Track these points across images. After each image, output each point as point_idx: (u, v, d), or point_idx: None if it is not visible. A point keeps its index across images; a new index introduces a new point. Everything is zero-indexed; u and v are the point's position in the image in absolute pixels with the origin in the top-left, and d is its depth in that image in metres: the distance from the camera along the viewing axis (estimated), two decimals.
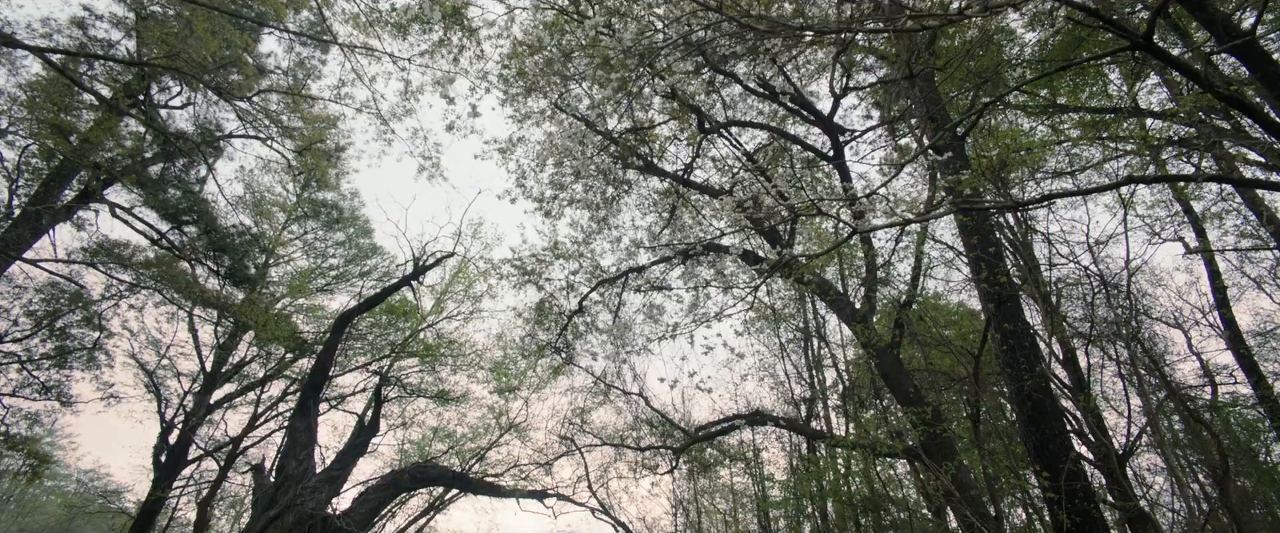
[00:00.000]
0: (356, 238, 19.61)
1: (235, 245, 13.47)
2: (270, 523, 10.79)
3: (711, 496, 19.49)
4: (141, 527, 15.84)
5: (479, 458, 14.28)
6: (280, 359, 16.05)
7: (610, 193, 12.75)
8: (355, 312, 12.40)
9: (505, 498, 12.41)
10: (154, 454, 16.52)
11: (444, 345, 15.17)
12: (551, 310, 12.71)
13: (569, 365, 12.44)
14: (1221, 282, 14.33)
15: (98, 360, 15.77)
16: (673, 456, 10.30)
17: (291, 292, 17.88)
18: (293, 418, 11.43)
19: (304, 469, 11.23)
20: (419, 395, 16.05)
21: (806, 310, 14.41)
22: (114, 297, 15.69)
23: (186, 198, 12.95)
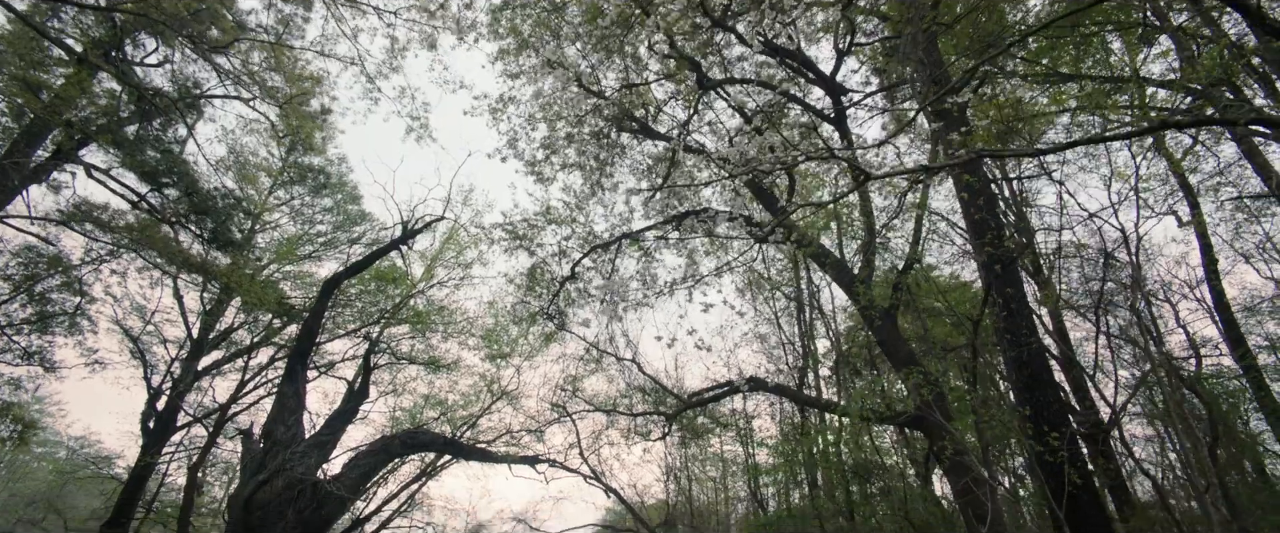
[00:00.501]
0: (345, 204, 19.13)
1: (218, 209, 13.03)
2: (259, 487, 10.64)
3: (702, 463, 19.63)
4: (131, 492, 15.71)
5: (470, 425, 14.17)
6: (268, 325, 15.75)
7: (604, 157, 12.40)
8: (343, 276, 12.09)
9: (497, 464, 12.34)
10: (142, 421, 16.29)
11: (435, 312, 14.92)
12: (543, 277, 12.46)
13: (561, 333, 12.25)
14: (1213, 255, 14.31)
15: (80, 326, 15.40)
16: (666, 421, 10.22)
17: (279, 258, 17.48)
18: (281, 384, 11.21)
19: (293, 434, 11.05)
20: (410, 363, 15.85)
21: (800, 279, 14.26)
22: (94, 261, 15.25)
23: (166, 159, 12.45)
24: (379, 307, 14.67)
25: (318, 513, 10.66)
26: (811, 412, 13.53)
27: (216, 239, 13.00)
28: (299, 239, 18.67)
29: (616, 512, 19.03)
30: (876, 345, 9.48)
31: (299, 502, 10.53)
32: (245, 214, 15.31)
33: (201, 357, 17.02)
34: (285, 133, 16.84)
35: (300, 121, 15.85)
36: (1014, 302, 7.11)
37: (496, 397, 14.95)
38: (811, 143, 12.17)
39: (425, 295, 15.45)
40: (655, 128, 11.35)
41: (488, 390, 14.99)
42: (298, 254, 17.66)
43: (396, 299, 14.62)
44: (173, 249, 14.07)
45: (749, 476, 14.85)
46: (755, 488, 14.20)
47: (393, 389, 16.08)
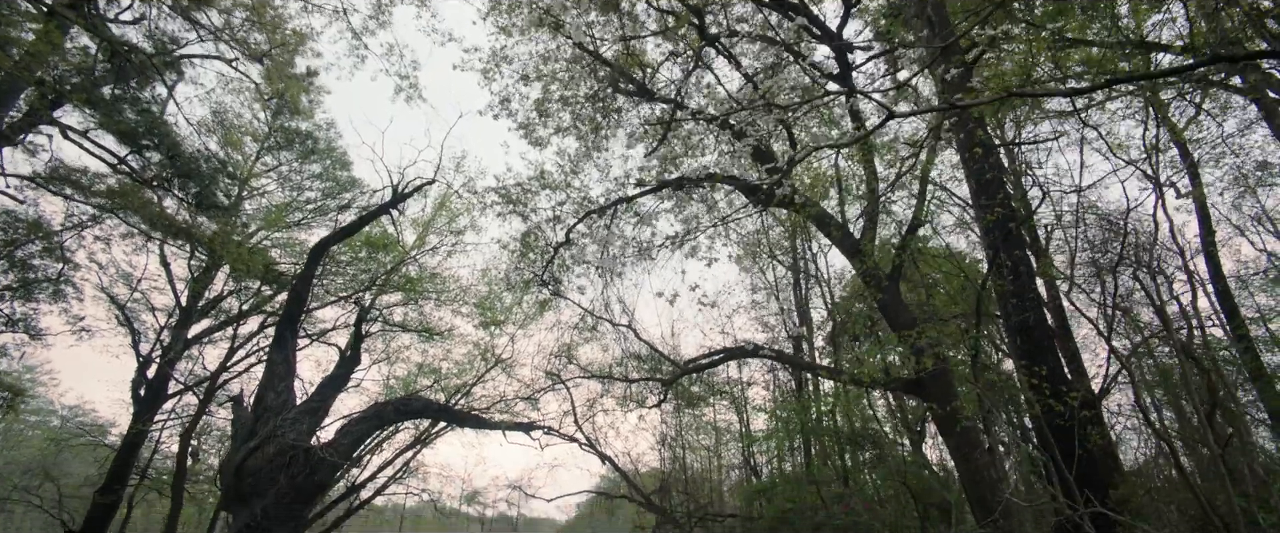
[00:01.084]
0: (334, 170, 18.60)
1: (201, 172, 12.55)
2: (251, 454, 10.46)
3: (695, 432, 19.68)
4: (124, 459, 15.55)
5: (464, 393, 14.01)
6: (256, 292, 15.40)
7: (599, 120, 11.97)
8: (331, 240, 11.73)
9: (492, 431, 12.20)
10: (132, 389, 16.05)
11: (427, 279, 14.60)
12: (538, 243, 12.15)
13: (556, 300, 12.01)
14: (1211, 227, 14.17)
15: (64, 293, 15.01)
16: (662, 388, 10.06)
17: (267, 225, 17.03)
18: (270, 350, 10.94)
19: (283, 401, 10.83)
20: (403, 331, 15.60)
21: (798, 249, 14.02)
22: (76, 226, 14.79)
23: (145, 119, 11.91)
24: (370, 273, 14.33)
25: (310, 479, 10.52)
26: (807, 381, 13.45)
27: (201, 203, 12.55)
28: (287, 206, 18.18)
29: (611, 479, 19.12)
30: (875, 313, 9.29)
31: (291, 468, 10.37)
32: (231, 178, 14.82)
33: (191, 325, 16.70)
34: (270, 95, 16.23)
35: (286, 84, 15.24)
36: (1022, 265, 6.89)
37: (491, 365, 14.77)
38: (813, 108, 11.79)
39: (418, 262, 15.12)
40: (652, 89, 10.93)
41: (482, 359, 14.80)
42: (286, 221, 17.21)
43: (388, 266, 14.28)
44: (156, 214, 13.61)
45: (743, 443, 14.84)
46: (749, 455, 14.20)
47: (386, 357, 15.87)
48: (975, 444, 7.03)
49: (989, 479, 6.68)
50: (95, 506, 14.88)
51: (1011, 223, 6.62)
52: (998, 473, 6.84)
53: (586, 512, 24.22)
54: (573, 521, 29.82)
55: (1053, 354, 7.84)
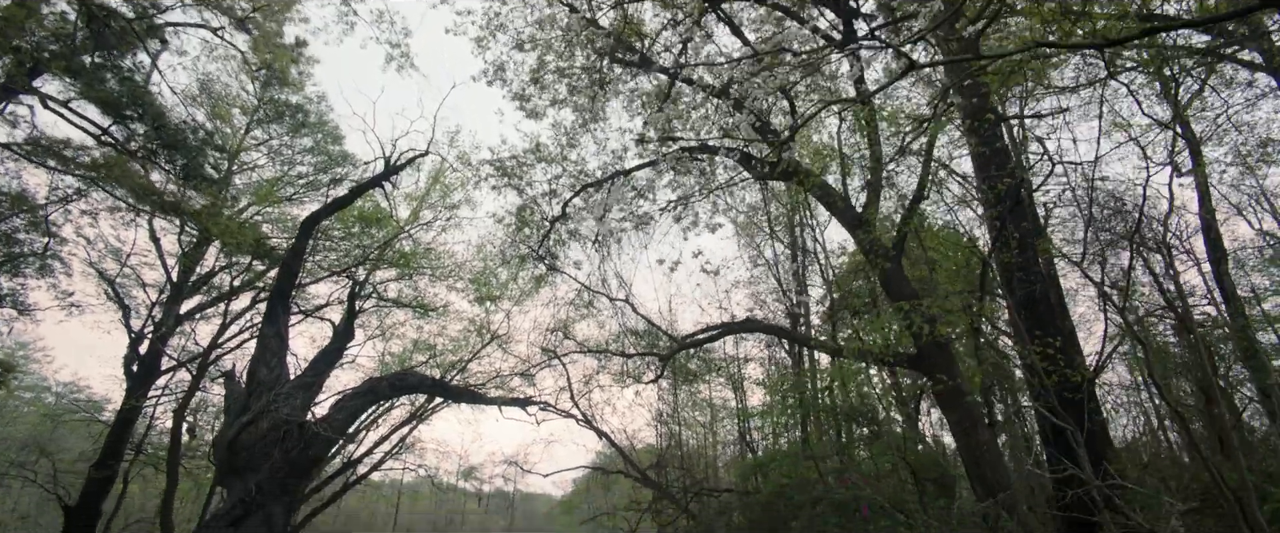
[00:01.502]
0: (325, 144, 18.17)
1: (188, 143, 12.17)
2: (244, 429, 10.31)
3: (691, 409, 19.67)
4: (118, 435, 15.41)
5: (460, 369, 13.87)
6: (247, 267, 15.12)
7: (596, 91, 11.63)
8: (323, 213, 11.44)
9: (487, 406, 12.08)
10: (125, 365, 15.86)
11: (422, 254, 14.34)
12: (533, 217, 11.89)
13: (552, 275, 11.80)
14: (1211, 207, 14.02)
15: (51, 268, 14.70)
16: (660, 363, 9.92)
17: (258, 200, 16.66)
18: (262, 325, 10.72)
19: (276, 376, 10.65)
20: (397, 306, 15.38)
21: (795, 225, 13.82)
22: (61, 200, 14.42)
23: (127, 88, 11.50)
24: (363, 248, 14.05)
25: (305, 454, 10.39)
26: (803, 358, 13.36)
27: (189, 176, 12.19)
28: (278, 181, 17.80)
29: (607, 455, 19.15)
30: (875, 289, 9.12)
31: (285, 443, 10.23)
32: (219, 151, 14.42)
33: (183, 300, 16.44)
34: (258, 66, 15.74)
35: (274, 54, 14.76)
36: (1029, 237, 6.71)
37: (486, 341, 14.61)
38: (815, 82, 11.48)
39: (412, 237, 14.84)
40: (651, 58, 10.57)
41: (477, 335, 14.63)
42: (278, 196, 16.84)
43: (381, 241, 14.00)
44: (143, 187, 13.25)
45: (739, 419, 14.81)
46: (745, 431, 14.17)
47: (380, 333, 15.68)
48: (977, 420, 6.93)
49: (990, 456, 6.59)
50: (91, 481, 14.78)
51: (1021, 191, 6.42)
52: (999, 450, 6.74)
53: (582, 487, 24.34)
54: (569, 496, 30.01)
55: (1058, 328, 7.72)
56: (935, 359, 7.34)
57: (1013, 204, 6.73)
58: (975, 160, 8.94)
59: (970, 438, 6.74)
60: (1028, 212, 7.31)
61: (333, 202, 11.77)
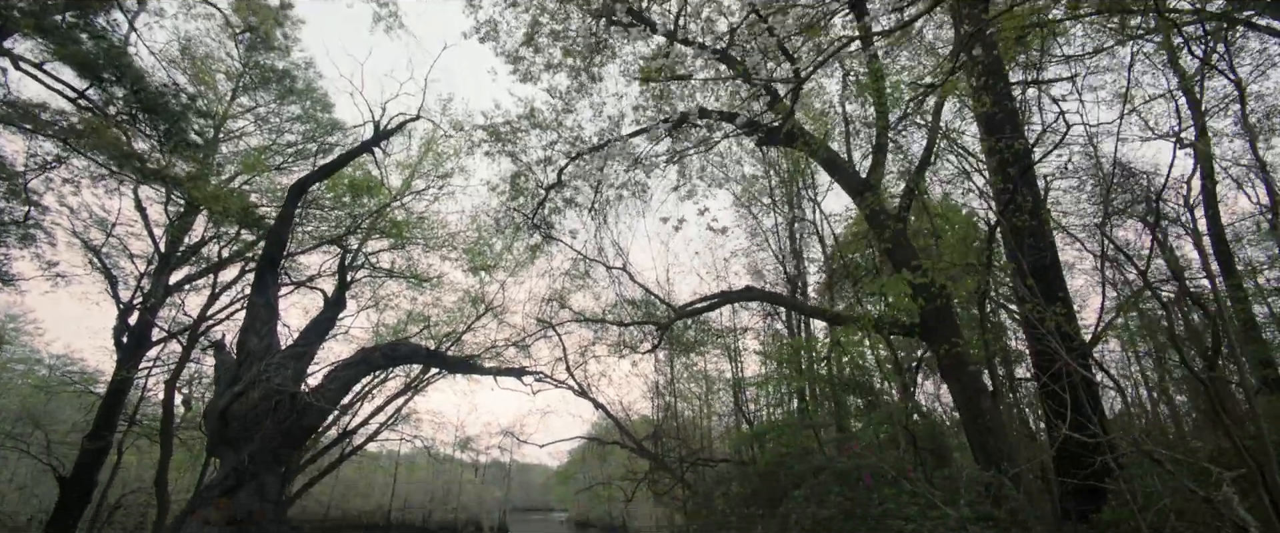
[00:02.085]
0: (314, 112, 17.58)
1: (169, 108, 11.67)
2: (235, 399, 10.09)
3: (687, 381, 19.62)
4: (110, 407, 15.19)
5: (454, 341, 13.65)
6: (235, 236, 14.73)
7: (592, 55, 11.18)
8: (311, 179, 11.05)
9: (483, 376, 11.90)
10: (114, 336, 15.56)
11: (414, 224, 13.98)
12: (527, 185, 11.54)
13: (547, 246, 11.51)
14: (1213, 180, 13.80)
15: (34, 237, 14.27)
16: (658, 332, 9.72)
17: (245, 169, 16.17)
18: (251, 293, 10.42)
19: (267, 345, 10.40)
20: (390, 277, 15.07)
21: (794, 194, 13.52)
22: (41, 167, 13.92)
23: (102, 47, 10.95)
24: (354, 216, 13.67)
25: (298, 424, 10.21)
26: (800, 329, 13.21)
27: (171, 141, 11.72)
28: (266, 149, 17.27)
29: (603, 426, 19.13)
30: (877, 258, 8.89)
31: (278, 413, 10.04)
32: (203, 116, 13.89)
33: (171, 271, 16.07)
34: (242, 29, 15.11)
35: (258, 15, 14.15)
36: (1038, 204, 6.47)
37: (481, 313, 14.38)
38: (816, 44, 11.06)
39: (405, 206, 14.46)
40: (649, 17, 10.12)
41: (472, 306, 14.39)
42: (266, 165, 16.34)
43: (373, 209, 13.62)
44: (124, 153, 12.77)
45: (735, 389, 14.73)
46: (742, 402, 14.11)
47: (374, 304, 15.41)
48: (980, 390, 6.78)
49: (993, 425, 6.45)
50: (84, 452, 14.61)
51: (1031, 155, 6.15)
52: (1001, 419, 6.61)
53: (578, 458, 24.45)
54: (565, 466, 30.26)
55: (1066, 297, 7.54)
56: (939, 327, 7.15)
57: (1025, 168, 6.46)
58: (982, 124, 8.64)
59: (974, 407, 6.60)
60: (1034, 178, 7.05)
61: (322, 167, 11.37)
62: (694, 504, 7.67)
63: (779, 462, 6.74)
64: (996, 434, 6.49)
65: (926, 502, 4.87)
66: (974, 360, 6.97)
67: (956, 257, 9.32)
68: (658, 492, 12.34)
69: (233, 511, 9.27)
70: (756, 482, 6.53)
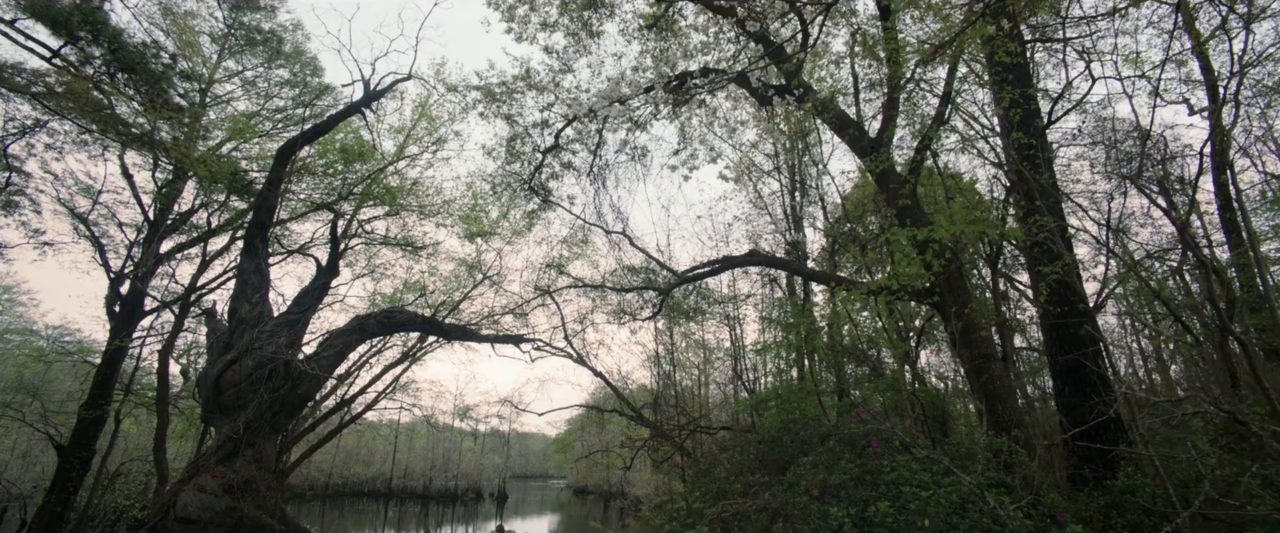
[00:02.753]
0: (304, 76, 16.94)
1: (149, 67, 11.12)
2: (228, 367, 9.86)
3: (685, 351, 19.49)
4: (105, 376, 14.97)
5: (451, 309, 13.39)
6: (224, 202, 14.31)
7: (589, 13, 10.65)
8: (300, 141, 10.62)
9: (480, 344, 11.67)
10: (106, 305, 15.25)
11: (408, 189, 13.55)
12: (524, 149, 11.13)
13: (545, 211, 11.15)
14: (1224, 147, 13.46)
15: (17, 204, 13.84)
16: (658, 297, 9.46)
17: (233, 134, 15.63)
18: (241, 260, 10.09)
19: (259, 313, 10.12)
20: (386, 245, 14.71)
21: (795, 161, 13.13)
22: (21, 133, 13.39)
23: (75, 2, 10.34)
24: (346, 182, 13.23)
25: (294, 392, 10.01)
26: (804, 294, 12.97)
27: (152, 101, 11.20)
28: (255, 115, 16.69)
29: (601, 395, 19.06)
30: (884, 220, 8.58)
31: (272, 380, 9.82)
32: (188, 79, 13.32)
33: (161, 239, 15.68)
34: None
35: None
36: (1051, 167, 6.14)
37: (478, 282, 14.09)
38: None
39: (399, 173, 14.01)
40: None
41: (468, 275, 14.08)
42: (255, 130, 15.79)
43: (366, 175, 13.17)
44: (106, 116, 12.25)
45: (735, 358, 14.59)
46: (742, 370, 13.98)
47: (369, 272, 15.08)
48: (990, 355, 6.57)
49: (1003, 390, 6.26)
50: (81, 420, 14.45)
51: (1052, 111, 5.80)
52: (1012, 384, 6.41)
53: (577, 427, 24.52)
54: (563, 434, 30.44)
55: (1072, 266, 7.28)
56: (950, 291, 6.90)
57: (1047, 123, 6.12)
58: (995, 86, 8.26)
59: (983, 373, 6.40)
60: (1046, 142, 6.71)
61: (311, 128, 10.91)
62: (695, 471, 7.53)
63: (784, 428, 6.56)
64: (1007, 400, 6.30)
65: (940, 468, 4.69)
66: (984, 326, 6.74)
67: (966, 221, 9.04)
68: (657, 459, 12.26)
69: (229, 478, 9.12)
70: (761, 448, 6.36)
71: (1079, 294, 6.91)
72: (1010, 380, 6.45)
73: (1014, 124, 7.06)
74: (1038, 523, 4.38)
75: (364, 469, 42.47)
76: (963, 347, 6.62)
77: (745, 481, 5.82)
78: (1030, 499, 4.57)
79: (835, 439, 5.67)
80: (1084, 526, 4.73)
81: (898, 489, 4.45)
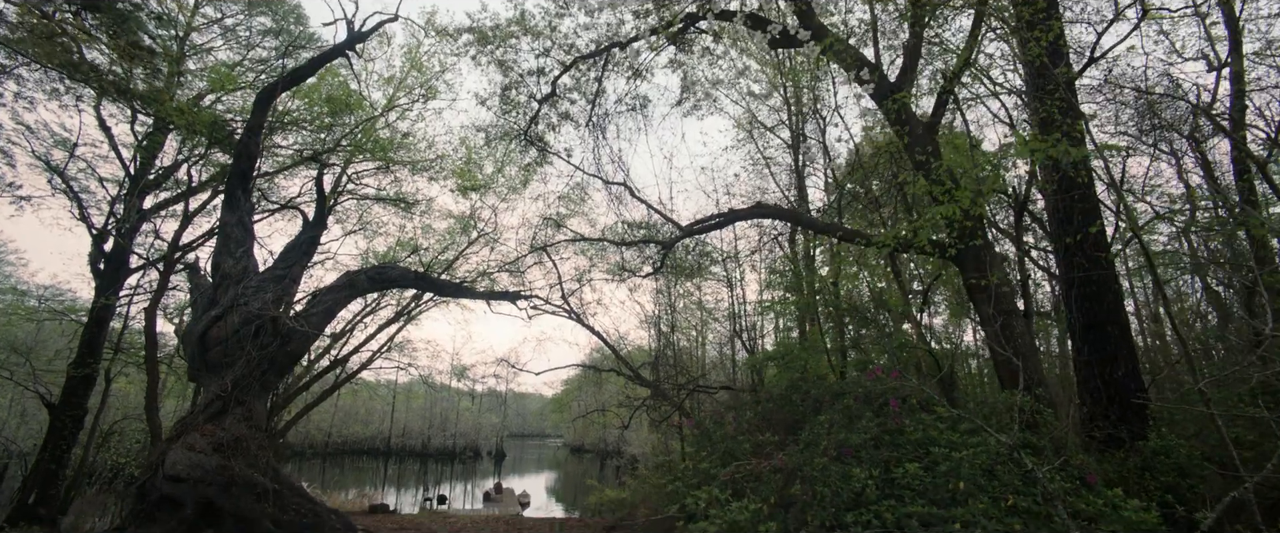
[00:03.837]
0: (287, 23, 15.95)
1: (115, 6, 10.25)
2: (213, 324, 9.39)
3: (683, 312, 19.20)
4: (92, 335, 14.53)
5: (446, 268, 12.91)
6: (205, 155, 13.60)
7: None
8: (281, 85, 9.91)
9: (475, 301, 11.24)
10: (91, 263, 14.68)
11: (398, 143, 12.85)
12: (519, 100, 10.45)
13: (542, 164, 10.56)
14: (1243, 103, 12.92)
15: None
16: (661, 251, 9.00)
17: (213, 85, 14.76)
18: (222, 212, 9.51)
19: (243, 267, 9.60)
20: (378, 201, 14.09)
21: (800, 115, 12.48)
22: None
23: None
24: (335, 135, 12.50)
25: (283, 349, 9.58)
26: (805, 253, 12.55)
27: (120, 41, 10.38)
28: (237, 65, 15.76)
29: (598, 356, 18.82)
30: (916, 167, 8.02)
31: (259, 338, 9.38)
32: (160, 21, 12.41)
33: (144, 195, 15.00)
34: None
35: None
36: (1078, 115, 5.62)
37: (473, 239, 13.56)
38: None
39: (390, 126, 13.28)
40: None
41: (463, 233, 13.55)
42: (236, 80, 14.91)
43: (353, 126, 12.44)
44: (75, 62, 11.42)
45: (732, 318, 14.27)
46: (741, 329, 13.67)
47: (360, 228, 14.49)
48: (1012, 311, 6.19)
49: (1027, 348, 5.90)
50: (70, 379, 14.09)
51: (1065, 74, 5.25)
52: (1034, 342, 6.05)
53: (574, 387, 24.44)
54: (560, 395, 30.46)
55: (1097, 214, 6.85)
56: (969, 246, 6.46)
57: (1086, 63, 5.57)
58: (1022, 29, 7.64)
59: (1006, 330, 6.02)
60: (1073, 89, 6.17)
61: (291, 72, 10.18)
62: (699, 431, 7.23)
63: (793, 386, 6.23)
64: (1030, 358, 5.94)
65: (967, 428, 4.34)
66: (1006, 281, 6.34)
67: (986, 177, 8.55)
68: (656, 418, 12.05)
69: (219, 436, 8.77)
70: (769, 407, 6.03)
71: (1104, 249, 6.50)
72: (1032, 337, 6.08)
73: (1038, 67, 6.51)
74: (1068, 486, 4.06)
75: (363, 428, 42.72)
76: (983, 302, 6.24)
77: (754, 440, 5.49)
78: (1061, 462, 4.25)
79: (850, 397, 5.31)
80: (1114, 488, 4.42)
81: (926, 450, 4.11)
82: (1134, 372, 5.93)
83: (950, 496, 3.71)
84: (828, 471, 4.06)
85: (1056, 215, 6.83)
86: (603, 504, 14.11)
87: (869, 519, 3.65)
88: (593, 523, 10.53)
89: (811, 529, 3.66)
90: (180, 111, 11.13)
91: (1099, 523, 3.55)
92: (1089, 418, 5.01)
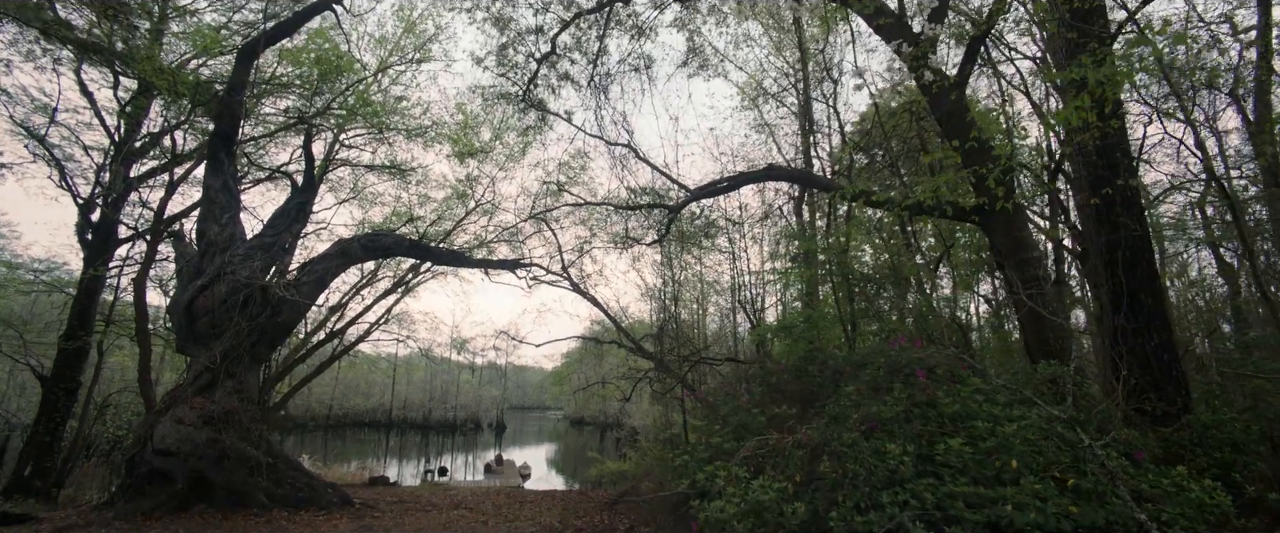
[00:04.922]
0: None
1: None
2: (200, 293, 8.92)
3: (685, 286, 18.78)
4: (82, 307, 14.07)
5: (443, 238, 12.39)
6: (189, 120, 12.93)
7: None
8: (263, 41, 9.28)
9: (473, 269, 10.77)
10: (78, 233, 14.12)
11: (392, 107, 12.19)
12: (517, 59, 9.82)
13: (542, 129, 9.99)
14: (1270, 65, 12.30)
15: None
16: (667, 216, 8.51)
17: (197, 49, 13.98)
18: (206, 177, 8.95)
19: (230, 235, 9.08)
20: (371, 169, 13.49)
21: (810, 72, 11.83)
22: None
23: None
24: (325, 98, 11.84)
25: (273, 320, 9.13)
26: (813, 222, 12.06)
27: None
28: (223, 27, 14.95)
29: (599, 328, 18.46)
30: (940, 124, 7.48)
31: (249, 308, 8.92)
32: None
33: (129, 162, 14.36)
34: None
35: None
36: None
37: (471, 209, 13.03)
38: None
39: (383, 90, 12.60)
40: None
41: (460, 202, 13.00)
42: (223, 43, 14.13)
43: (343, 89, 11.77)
44: (48, 20, 10.69)
45: (733, 291, 13.86)
46: (746, 301, 13.27)
47: (354, 195, 13.90)
48: (1042, 277, 5.76)
49: (1058, 315, 5.49)
50: (62, 352, 13.68)
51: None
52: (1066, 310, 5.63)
53: (575, 359, 24.14)
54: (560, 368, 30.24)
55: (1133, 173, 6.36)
56: (998, 212, 5.99)
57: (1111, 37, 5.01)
58: None
59: (1035, 297, 5.59)
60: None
61: (275, 27, 9.52)
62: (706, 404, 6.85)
63: (808, 357, 5.85)
64: (1058, 327, 5.53)
65: (1006, 400, 3.94)
66: (1035, 245, 5.89)
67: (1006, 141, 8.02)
68: (658, 391, 11.72)
69: (208, 409, 8.38)
70: (783, 378, 5.65)
71: (1139, 212, 6.03)
72: (1063, 306, 5.66)
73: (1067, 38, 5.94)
74: (1121, 463, 3.67)
75: (364, 401, 42.66)
76: (1011, 265, 5.80)
77: (770, 414, 5.10)
78: (1109, 437, 3.85)
79: (872, 368, 4.90)
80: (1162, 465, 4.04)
81: (968, 424, 3.71)
82: (1168, 343, 5.53)
83: (996, 474, 3.32)
84: (858, 446, 3.67)
85: (1093, 169, 6.31)
86: (604, 476, 13.89)
87: (906, 500, 3.27)
88: (594, 496, 10.27)
89: (844, 511, 3.28)
90: (161, 72, 10.46)
91: (1162, 505, 3.16)
92: (1133, 391, 4.64)
